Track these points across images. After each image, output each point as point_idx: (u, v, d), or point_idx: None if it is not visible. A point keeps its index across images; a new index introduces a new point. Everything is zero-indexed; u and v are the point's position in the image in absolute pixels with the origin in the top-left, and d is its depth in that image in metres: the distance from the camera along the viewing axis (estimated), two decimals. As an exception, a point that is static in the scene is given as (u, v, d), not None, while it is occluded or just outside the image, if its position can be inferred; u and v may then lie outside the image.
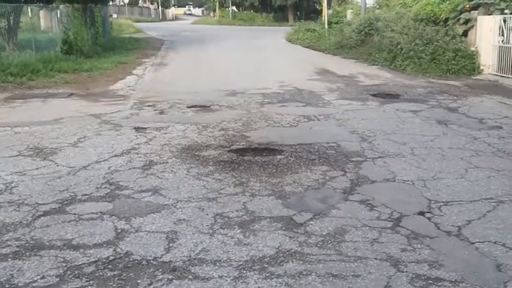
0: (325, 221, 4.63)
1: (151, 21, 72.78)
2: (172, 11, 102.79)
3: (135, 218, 4.64)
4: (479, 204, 4.98)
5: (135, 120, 8.79)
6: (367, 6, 25.07)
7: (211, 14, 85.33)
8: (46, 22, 21.80)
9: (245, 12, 71.65)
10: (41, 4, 19.12)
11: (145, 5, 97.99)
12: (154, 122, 8.68)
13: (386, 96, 11.31)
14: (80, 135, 7.72)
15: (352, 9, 27.10)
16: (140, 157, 6.60)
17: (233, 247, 4.10)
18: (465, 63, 14.55)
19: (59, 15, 18.10)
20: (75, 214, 4.70)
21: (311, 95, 11.37)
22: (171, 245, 4.11)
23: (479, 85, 12.72)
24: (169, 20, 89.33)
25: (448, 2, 16.28)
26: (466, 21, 15.24)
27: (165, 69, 17.01)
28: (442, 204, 5.02)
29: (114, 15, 68.58)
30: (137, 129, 8.14)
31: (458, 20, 15.47)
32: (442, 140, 7.43)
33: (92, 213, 4.74)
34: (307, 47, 25.33)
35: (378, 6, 24.12)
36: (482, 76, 14.04)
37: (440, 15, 16.19)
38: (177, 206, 4.94)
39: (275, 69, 16.58)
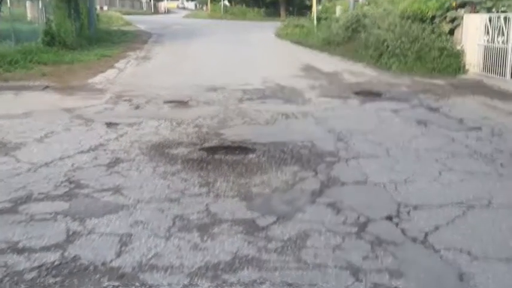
0: (288, 225, 4.45)
1: (142, 14, 72.29)
2: (164, 4, 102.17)
3: (90, 219, 4.45)
4: (448, 209, 4.83)
5: (108, 115, 8.58)
6: (357, 2, 24.88)
7: (204, 8, 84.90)
8: (33, 12, 21.43)
9: (237, 6, 71.31)
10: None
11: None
12: (127, 117, 8.47)
13: (369, 94, 11.15)
14: (48, 130, 7.50)
15: (341, 5, 26.88)
16: (107, 154, 6.40)
17: (188, 252, 3.92)
18: (451, 62, 14.41)
19: (40, 6, 17.67)
20: (27, 214, 4.50)
21: (292, 92, 11.18)
22: (123, 248, 3.92)
23: (463, 84, 12.58)
24: (162, 13, 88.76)
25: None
26: (453, 20, 15.11)
27: (148, 63, 16.77)
28: (411, 208, 4.86)
29: (105, 7, 68.24)
30: (109, 124, 7.92)
31: (445, 18, 15.33)
32: (420, 141, 7.28)
33: (46, 213, 4.54)
34: (295, 43, 25.13)
35: (366, 3, 23.92)
36: (468, 75, 13.92)
37: (427, 12, 16.02)
38: (137, 207, 4.75)
39: (260, 65, 16.39)
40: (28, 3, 20.64)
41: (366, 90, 11.52)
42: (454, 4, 15.06)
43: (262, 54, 19.86)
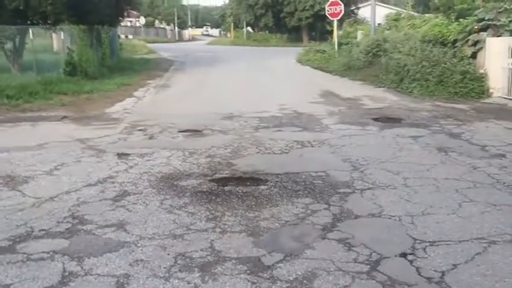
0: (295, 264, 4.21)
1: (166, 42, 73.27)
2: (189, 32, 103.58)
3: (89, 258, 4.27)
4: (468, 245, 4.53)
5: (120, 146, 8.47)
6: (379, 27, 24.71)
7: (228, 35, 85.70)
8: (58, 43, 21.75)
9: (260, 33, 71.79)
10: (46, 26, 18.95)
11: (161, 26, 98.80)
12: (140, 147, 8.35)
13: (389, 120, 10.88)
14: (59, 162, 7.40)
15: (362, 29, 26.74)
16: (115, 187, 6.25)
17: (187, 294, 3.69)
18: (473, 86, 14.07)
19: (62, 37, 17.87)
20: (25, 254, 4.34)
21: (310, 119, 10.98)
22: (118, 292, 3.71)
23: (486, 109, 12.23)
24: (186, 40, 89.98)
25: (456, 23, 15.85)
26: (475, 43, 14.79)
27: (167, 91, 16.76)
28: (427, 244, 4.57)
29: (130, 36, 69.23)
30: (120, 155, 7.81)
31: (467, 41, 15.03)
32: (439, 170, 6.98)
33: (44, 252, 4.38)
34: (316, 68, 25.00)
35: (387, 27, 23.73)
36: (491, 99, 13.55)
37: (448, 36, 15.77)
38: (139, 244, 4.56)
39: (279, 91, 16.24)
40: (54, 35, 20.93)
41: (386, 116, 11.26)
42: (476, 28, 14.74)
43: (281, 81, 19.73)
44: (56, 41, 21.70)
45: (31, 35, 16.22)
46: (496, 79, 13.94)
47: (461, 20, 15.47)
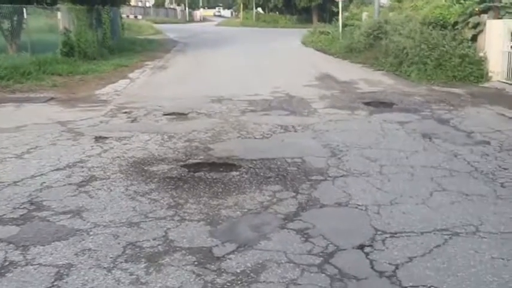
0: (247, 255, 4.09)
1: (176, 23, 72.77)
2: (200, 13, 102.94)
3: (35, 246, 4.17)
4: (429, 237, 4.38)
5: (100, 129, 8.36)
6: (382, 8, 24.30)
7: (239, 16, 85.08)
8: (63, 23, 21.56)
9: (270, 13, 71.11)
10: (43, 5, 18.78)
11: (171, 7, 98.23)
12: (120, 131, 8.23)
13: (380, 104, 10.68)
14: (33, 144, 7.30)
15: (367, 11, 26.31)
16: (83, 171, 6.14)
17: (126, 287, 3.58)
18: (472, 69, 13.75)
19: (59, 17, 17.70)
20: (-29, 241, 4.23)
21: (300, 103, 10.79)
22: (55, 283, 3.62)
23: (483, 93, 11.97)
24: (197, 21, 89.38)
25: (458, 5, 15.48)
26: (475, 25, 14.45)
27: (163, 73, 16.60)
28: (388, 235, 4.43)
29: (139, 17, 68.94)
30: (97, 138, 7.70)
31: (467, 24, 14.68)
32: (419, 157, 6.80)
33: (-9, 239, 4.27)
34: (318, 50, 24.70)
35: (392, 9, 23.31)
36: (490, 84, 13.26)
37: (449, 18, 15.41)
38: (91, 232, 4.46)
39: (275, 74, 16.02)
40: (59, 14, 20.74)
41: (378, 101, 11.06)
42: (477, 9, 14.39)
43: (281, 63, 19.48)
44: (61, 21, 21.51)
45: (25, 14, 15.98)
46: (495, 63, 13.64)
47: (462, 1, 15.07)
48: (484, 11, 14.34)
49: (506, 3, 13.85)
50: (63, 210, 4.96)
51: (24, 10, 15.80)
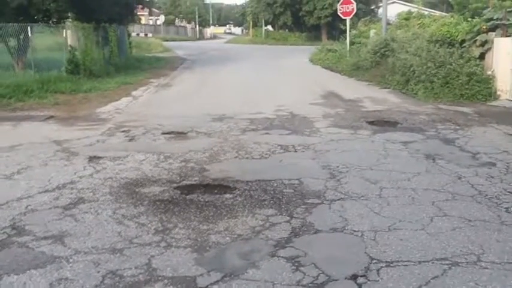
0: (232, 286, 3.88)
1: (186, 40, 73.17)
2: (210, 30, 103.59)
3: (9, 275, 3.97)
4: (427, 267, 4.13)
5: (96, 149, 8.19)
6: (390, 25, 24.13)
7: (249, 33, 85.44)
8: (73, 41, 21.57)
9: (280, 31, 71.31)
10: (50, 24, 18.81)
11: (181, 24, 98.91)
12: (115, 150, 8.06)
13: (384, 124, 10.45)
14: (25, 164, 7.14)
15: (375, 29, 26.17)
16: (72, 193, 5.95)
17: (99, 321, 3.35)
18: (480, 88, 13.51)
19: (64, 35, 17.68)
20: None
21: (302, 122, 10.58)
22: (24, 316, 3.39)
23: (490, 112, 11.69)
24: (207, 39, 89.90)
25: (465, 22, 15.28)
26: (483, 43, 14.23)
27: (167, 91, 16.48)
28: (384, 265, 4.18)
29: (150, 34, 69.39)
30: (91, 158, 7.52)
31: (475, 41, 14.46)
32: (421, 179, 6.55)
33: (-35, 267, 4.06)
34: (325, 68, 24.55)
35: (399, 27, 23.14)
36: (498, 102, 13.00)
37: (456, 36, 15.22)
38: (71, 260, 4.25)
39: (280, 92, 15.84)
40: (69, 32, 20.77)
41: (382, 120, 10.83)
42: (484, 27, 14.17)
43: (287, 81, 19.32)
44: (70, 39, 21.52)
45: (29, 32, 15.96)
46: (504, 81, 13.40)
47: (469, 19, 14.87)
48: (492, 28, 14.14)
49: (514, 21, 13.62)
50: (45, 235, 4.75)
51: (29, 28, 15.73)
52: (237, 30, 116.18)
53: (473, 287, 3.81)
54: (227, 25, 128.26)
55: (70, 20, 20.33)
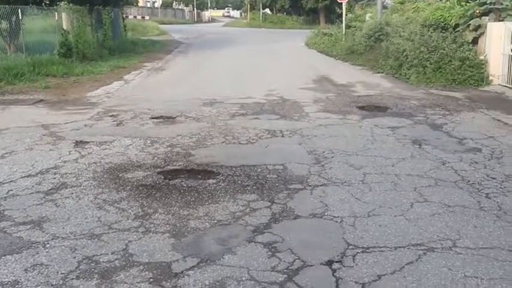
0: (207, 271, 3.87)
1: (183, 23, 72.78)
2: (208, 13, 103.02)
3: (-16, 260, 3.95)
4: (403, 253, 4.14)
5: (83, 133, 8.18)
6: (386, 9, 24.00)
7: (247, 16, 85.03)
8: (67, 24, 21.42)
9: (277, 14, 70.99)
10: (43, 6, 18.67)
11: (179, 7, 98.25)
12: (102, 135, 8.05)
13: (374, 109, 10.44)
14: (10, 149, 7.13)
15: (371, 13, 26.01)
16: (55, 178, 5.95)
17: (71, 306, 3.37)
18: (472, 73, 13.47)
19: (56, 18, 17.55)
20: None
21: (292, 106, 10.56)
22: (-3, 301, 3.40)
23: (481, 98, 11.68)
24: (205, 22, 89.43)
25: (459, 7, 15.20)
26: (476, 28, 14.16)
27: (159, 75, 16.43)
28: (360, 250, 4.19)
29: (147, 17, 68.87)
30: (77, 143, 7.52)
31: (468, 26, 14.38)
32: (405, 165, 6.56)
33: None
34: (320, 52, 24.48)
35: (395, 11, 23.02)
36: (490, 87, 12.97)
37: (450, 20, 15.14)
38: (47, 245, 4.25)
39: (273, 76, 15.79)
40: (64, 15, 20.62)
41: (372, 104, 10.81)
42: (478, 11, 14.09)
43: (280, 65, 19.25)
44: (65, 22, 21.36)
45: (20, 15, 15.83)
46: (496, 66, 13.36)
47: (463, 3, 14.78)
48: (485, 13, 14.06)
49: (507, 6, 13.56)
50: (24, 220, 4.76)
51: (20, 11, 15.62)
52: (236, 13, 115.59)
53: (446, 272, 3.82)
54: (225, 8, 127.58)
55: (64, 2, 20.13)
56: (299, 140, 7.86)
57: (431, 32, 14.64)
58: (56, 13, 17.79)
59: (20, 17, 15.86)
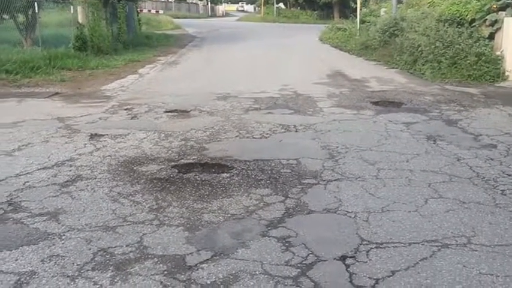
0: (221, 264, 3.89)
1: (197, 18, 72.81)
2: (222, 8, 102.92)
3: (1, 251, 4.03)
4: (417, 249, 4.13)
5: (98, 126, 8.23)
6: (401, 4, 23.84)
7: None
8: (82, 17, 21.52)
9: (291, 9, 70.79)
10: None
11: (193, 1, 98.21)
12: (116, 128, 8.10)
13: (388, 104, 10.40)
14: (26, 141, 7.20)
15: (386, 7, 25.86)
16: (70, 170, 6.00)
17: (87, 298, 3.41)
18: (488, 68, 13.34)
19: (71, 11, 17.64)
20: None
21: (306, 101, 10.55)
22: (13, 292, 3.45)
23: (497, 94, 11.58)
24: (219, 16, 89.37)
25: (475, 1, 15.06)
26: (493, 23, 14.03)
27: (173, 69, 16.47)
28: (374, 246, 4.19)
29: (161, 11, 68.90)
30: (93, 136, 7.57)
31: (485, 21, 14.25)
32: (420, 161, 6.53)
33: (-42, 243, 4.13)
34: (334, 47, 24.40)
35: (410, 5, 22.85)
36: (506, 83, 12.86)
37: (466, 15, 15.01)
38: (63, 237, 4.29)
39: (287, 71, 15.78)
40: (79, 9, 20.69)
41: (387, 100, 10.76)
42: (494, 6, 13.96)
43: (294, 60, 19.22)
44: (80, 15, 21.45)
45: (36, 8, 15.95)
46: (512, 62, 13.20)
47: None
48: (503, 8, 13.92)
49: (525, 0, 13.41)
50: (40, 212, 4.80)
51: (36, 4, 15.73)
52: (250, 7, 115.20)
53: (461, 269, 3.80)
54: (239, 2, 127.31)
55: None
56: (313, 134, 7.85)
57: (447, 27, 14.53)
58: (72, 7, 17.84)
59: (37, 11, 15.95)
